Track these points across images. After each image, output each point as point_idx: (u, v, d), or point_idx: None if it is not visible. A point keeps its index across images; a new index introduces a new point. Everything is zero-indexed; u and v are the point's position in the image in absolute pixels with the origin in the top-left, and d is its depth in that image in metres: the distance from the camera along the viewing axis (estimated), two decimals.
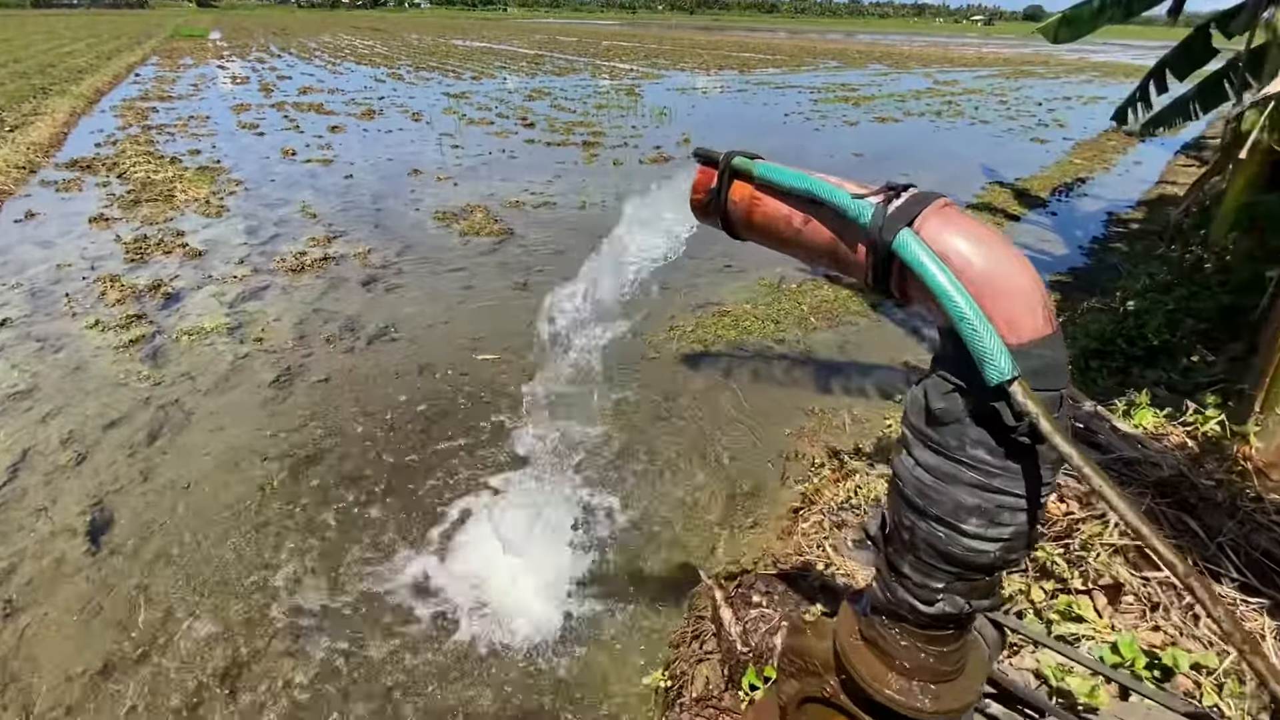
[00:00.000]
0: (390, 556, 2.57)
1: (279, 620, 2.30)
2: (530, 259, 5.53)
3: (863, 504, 2.01)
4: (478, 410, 3.48)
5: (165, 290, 4.75)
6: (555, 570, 2.46)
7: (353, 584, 2.45)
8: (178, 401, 3.51)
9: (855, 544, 0.82)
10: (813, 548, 1.94)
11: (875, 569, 0.88)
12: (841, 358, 4.13)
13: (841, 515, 2.03)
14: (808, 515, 2.20)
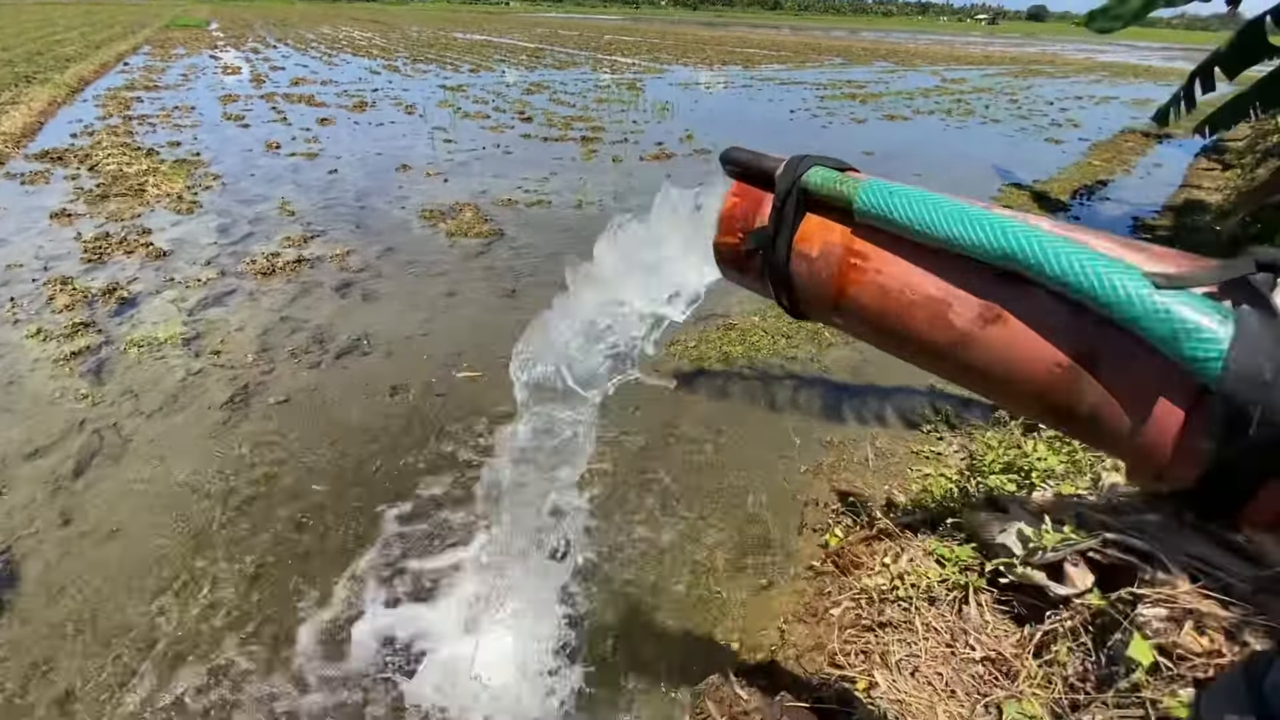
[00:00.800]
0: (340, 635, 2.18)
1: (199, 713, 1.91)
2: (521, 263, 5.13)
3: (913, 599, 1.62)
4: (454, 441, 3.08)
5: (121, 294, 4.36)
6: (531, 645, 2.07)
7: (297, 666, 2.06)
8: (115, 426, 3.11)
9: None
10: (851, 654, 1.56)
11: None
12: (859, 379, 3.74)
13: (884, 609, 1.65)
14: (838, 597, 1.81)
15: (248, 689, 1.97)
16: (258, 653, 2.08)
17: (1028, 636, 1.43)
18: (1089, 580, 1.40)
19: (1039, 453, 1.99)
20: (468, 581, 2.29)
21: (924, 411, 3.42)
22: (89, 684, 1.97)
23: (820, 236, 0.57)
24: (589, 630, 2.17)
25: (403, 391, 3.44)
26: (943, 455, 2.97)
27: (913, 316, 0.51)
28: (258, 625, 2.17)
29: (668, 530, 2.60)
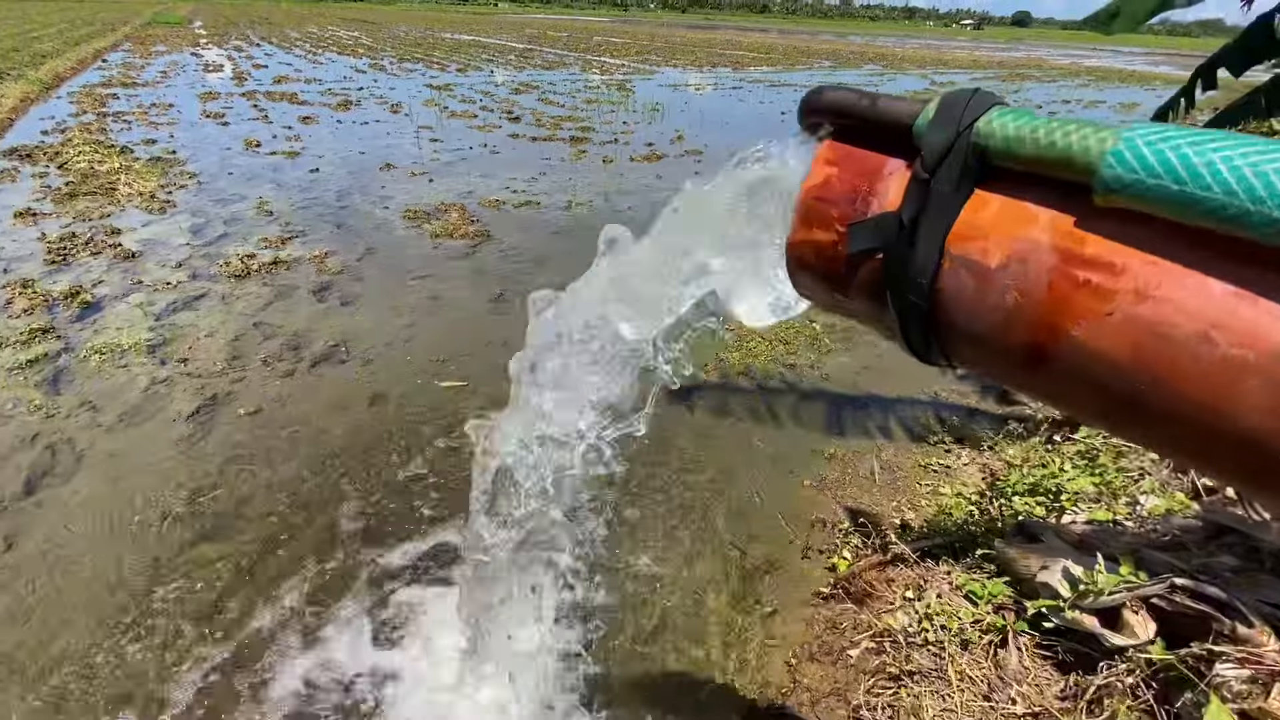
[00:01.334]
0: (307, 678, 1.99)
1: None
2: (508, 266, 4.95)
3: (944, 641, 1.46)
4: (435, 458, 2.89)
5: (84, 298, 4.12)
6: (518, 685, 1.90)
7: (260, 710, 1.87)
8: (70, 440, 2.90)
9: None
10: (877, 709, 1.39)
11: None
12: (861, 388, 3.59)
13: (911, 654, 1.49)
14: (855, 635, 1.65)
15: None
16: (213, 705, 1.89)
17: (1075, 688, 1.28)
18: (1151, 630, 1.26)
19: (1068, 473, 1.85)
20: (449, 617, 2.10)
21: (929, 422, 3.28)
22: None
23: (1008, 231, 0.37)
24: (581, 664, 1.99)
25: (381, 402, 3.25)
26: (952, 469, 2.83)
27: (1224, 382, 0.29)
28: (218, 668, 1.98)
29: (665, 552, 2.43)
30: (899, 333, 0.47)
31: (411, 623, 2.13)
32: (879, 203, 0.44)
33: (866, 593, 1.82)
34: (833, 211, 0.45)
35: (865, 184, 0.44)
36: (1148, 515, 1.62)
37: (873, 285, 0.45)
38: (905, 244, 0.41)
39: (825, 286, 0.49)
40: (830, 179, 0.46)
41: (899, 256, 0.42)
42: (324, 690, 1.92)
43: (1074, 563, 1.38)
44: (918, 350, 0.48)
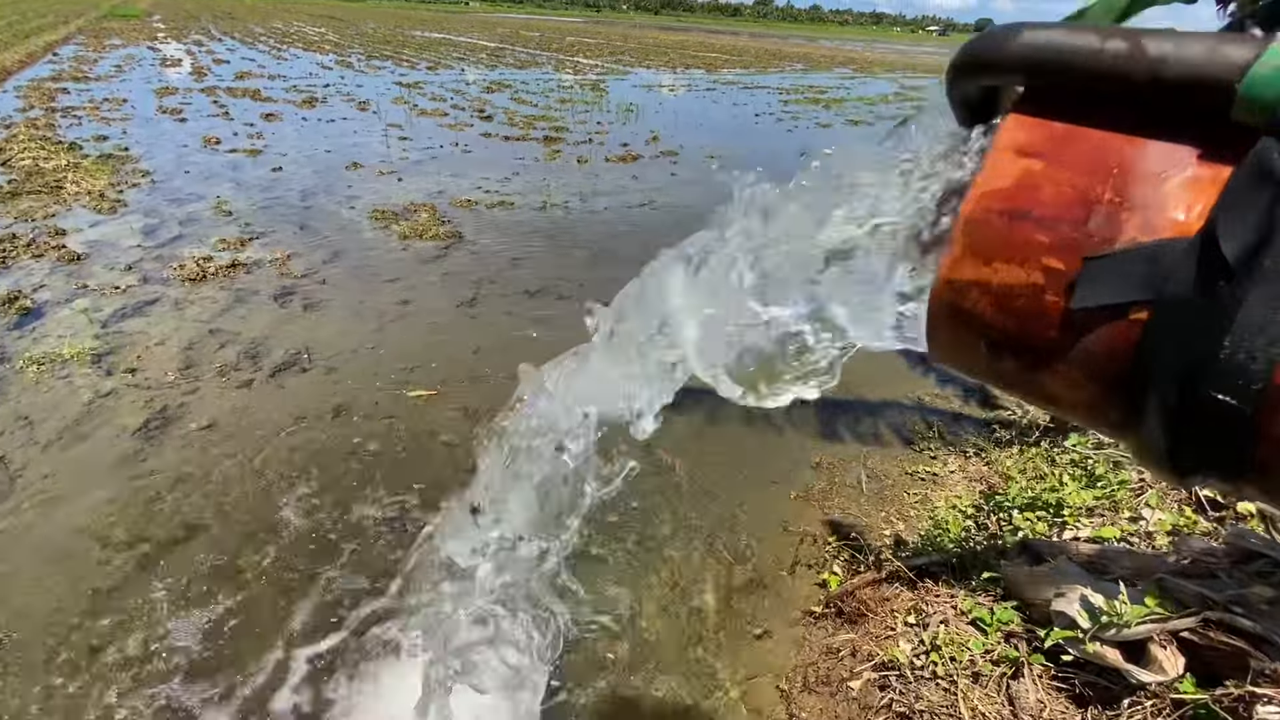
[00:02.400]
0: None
1: None
2: (481, 269, 4.79)
3: (955, 675, 1.37)
4: (402, 472, 2.74)
5: (23, 304, 3.85)
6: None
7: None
8: (3, 459, 2.67)
9: None
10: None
11: None
12: (845, 391, 3.52)
13: (920, 689, 1.40)
14: (855, 665, 1.56)
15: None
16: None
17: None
18: (1180, 665, 1.19)
19: (1068, 486, 1.79)
20: (415, 659, 1.96)
21: (916, 426, 3.23)
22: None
23: None
24: (557, 691, 1.87)
25: (346, 412, 3.07)
26: (940, 476, 2.77)
27: None
28: (150, 695, 1.80)
29: (644, 569, 2.31)
30: (1157, 441, 0.29)
31: (367, 658, 1.98)
32: (1141, 221, 0.27)
33: (861, 613, 1.74)
34: (1039, 235, 0.29)
35: (1108, 187, 0.28)
36: (1154, 531, 1.56)
37: (1113, 362, 0.28)
38: (1220, 298, 0.25)
39: (1002, 355, 0.32)
40: (1033, 179, 0.29)
41: (1198, 319, 0.25)
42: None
43: (1092, 590, 1.31)
44: (1184, 467, 0.30)
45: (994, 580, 1.57)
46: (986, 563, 1.66)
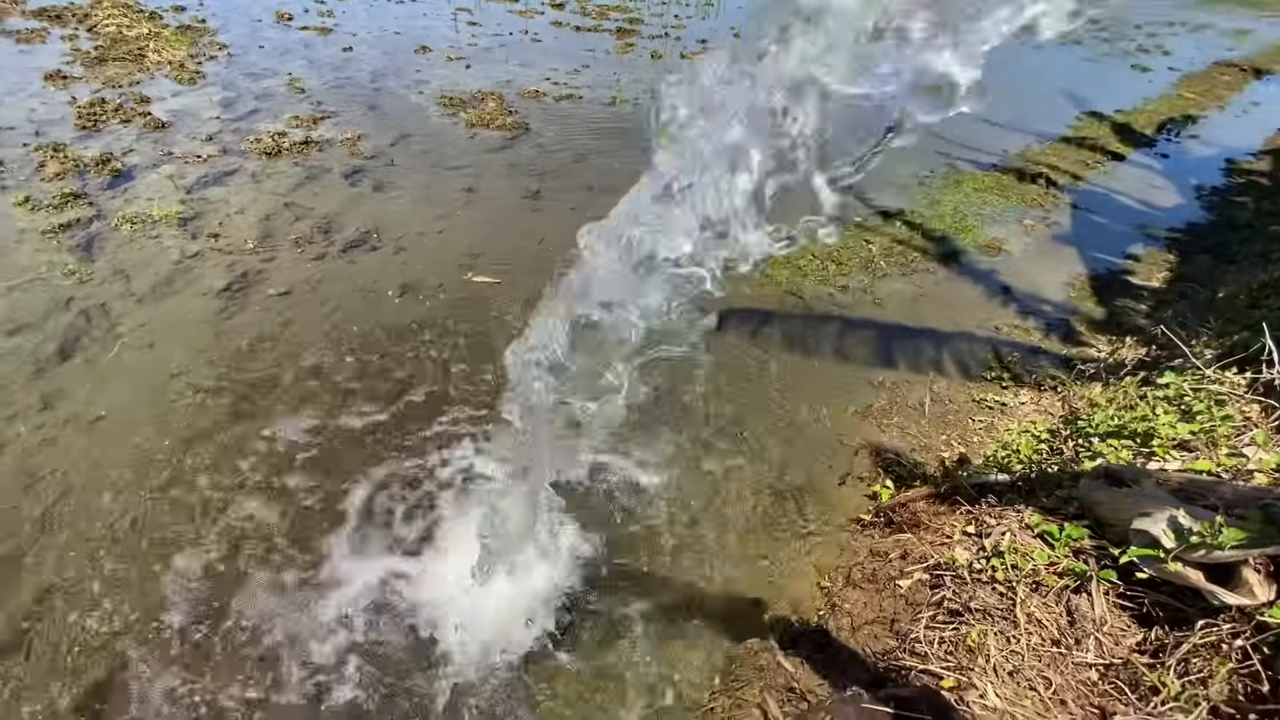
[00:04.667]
0: (331, 548, 1.99)
1: (175, 624, 1.75)
2: (546, 162, 4.67)
3: (1014, 582, 1.33)
4: (468, 350, 2.80)
5: (115, 166, 4.01)
6: (544, 582, 1.87)
7: (283, 577, 1.88)
8: (104, 306, 2.86)
9: None
10: (934, 643, 1.31)
11: None
12: (915, 318, 3.37)
13: (976, 591, 1.39)
14: (906, 565, 1.55)
15: (232, 600, 1.81)
16: (240, 563, 1.90)
17: (1158, 643, 1.17)
18: (1271, 592, 1.13)
19: (1162, 418, 1.67)
20: (474, 504, 2.06)
21: (986, 358, 3.07)
22: (61, 585, 1.81)
23: None
24: (604, 565, 1.96)
25: (413, 291, 3.14)
26: (1009, 407, 2.66)
27: None
28: (239, 538, 1.99)
29: (694, 467, 2.35)
30: None
31: (426, 510, 2.11)
32: None
33: (914, 524, 1.72)
34: None
35: None
36: (1256, 469, 1.46)
37: None
38: None
39: None
40: None
41: None
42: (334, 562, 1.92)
43: (1184, 513, 1.24)
44: None
45: (1066, 501, 1.51)
46: (1059, 484, 1.60)
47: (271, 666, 1.67)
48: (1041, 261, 4.03)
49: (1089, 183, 5.37)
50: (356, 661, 1.68)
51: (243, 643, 1.72)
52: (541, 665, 1.67)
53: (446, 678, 1.64)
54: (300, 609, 1.79)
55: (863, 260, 3.78)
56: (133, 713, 1.56)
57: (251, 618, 1.77)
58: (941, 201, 4.63)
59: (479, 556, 1.80)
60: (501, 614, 1.73)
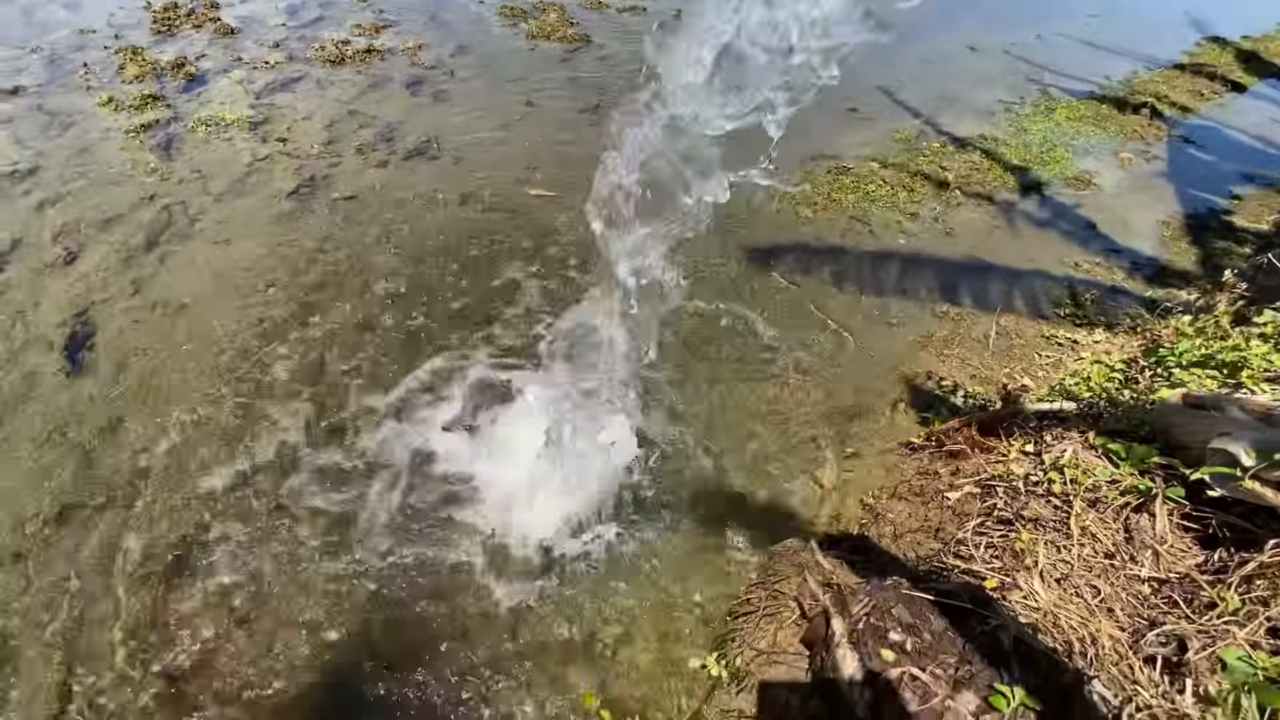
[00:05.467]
0: (387, 421, 2.11)
1: (256, 491, 1.91)
2: (608, 75, 4.52)
3: (1071, 495, 1.30)
4: (523, 258, 2.83)
5: (189, 70, 4.10)
6: (593, 478, 1.94)
7: (346, 443, 2.01)
8: (184, 204, 3.00)
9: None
10: (979, 547, 1.30)
11: None
12: (988, 251, 3.19)
13: (1029, 502, 1.36)
14: (957, 481, 1.53)
15: (301, 460, 1.95)
16: (303, 431, 2.04)
17: (1221, 563, 1.14)
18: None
19: (1258, 349, 1.55)
20: (534, 400, 2.13)
21: (1060, 295, 2.90)
22: (149, 446, 1.99)
23: None
24: (648, 465, 2.01)
25: (471, 201, 3.16)
26: (1080, 344, 2.52)
27: None
28: (309, 407, 2.12)
29: (743, 390, 2.34)
30: None
31: (492, 394, 2.19)
32: None
33: (970, 445, 1.68)
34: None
35: None
36: None
37: None
38: None
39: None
40: None
41: None
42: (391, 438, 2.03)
43: (1267, 427, 1.17)
44: None
45: (1138, 425, 1.44)
46: (1131, 410, 1.52)
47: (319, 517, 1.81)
48: (1135, 197, 3.72)
49: (1200, 115, 4.85)
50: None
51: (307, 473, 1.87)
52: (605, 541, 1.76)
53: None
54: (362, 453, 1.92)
55: (936, 188, 3.57)
56: (213, 544, 1.73)
57: (313, 461, 1.91)
58: (1029, 130, 4.29)
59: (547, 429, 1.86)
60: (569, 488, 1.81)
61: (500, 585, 1.69)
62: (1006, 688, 1.03)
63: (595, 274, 1.94)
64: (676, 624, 1.61)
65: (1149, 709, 0.97)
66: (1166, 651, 1.06)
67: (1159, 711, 0.96)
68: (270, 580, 1.70)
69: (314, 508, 1.87)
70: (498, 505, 1.88)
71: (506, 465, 1.95)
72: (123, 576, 1.69)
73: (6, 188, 3.03)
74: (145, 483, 1.90)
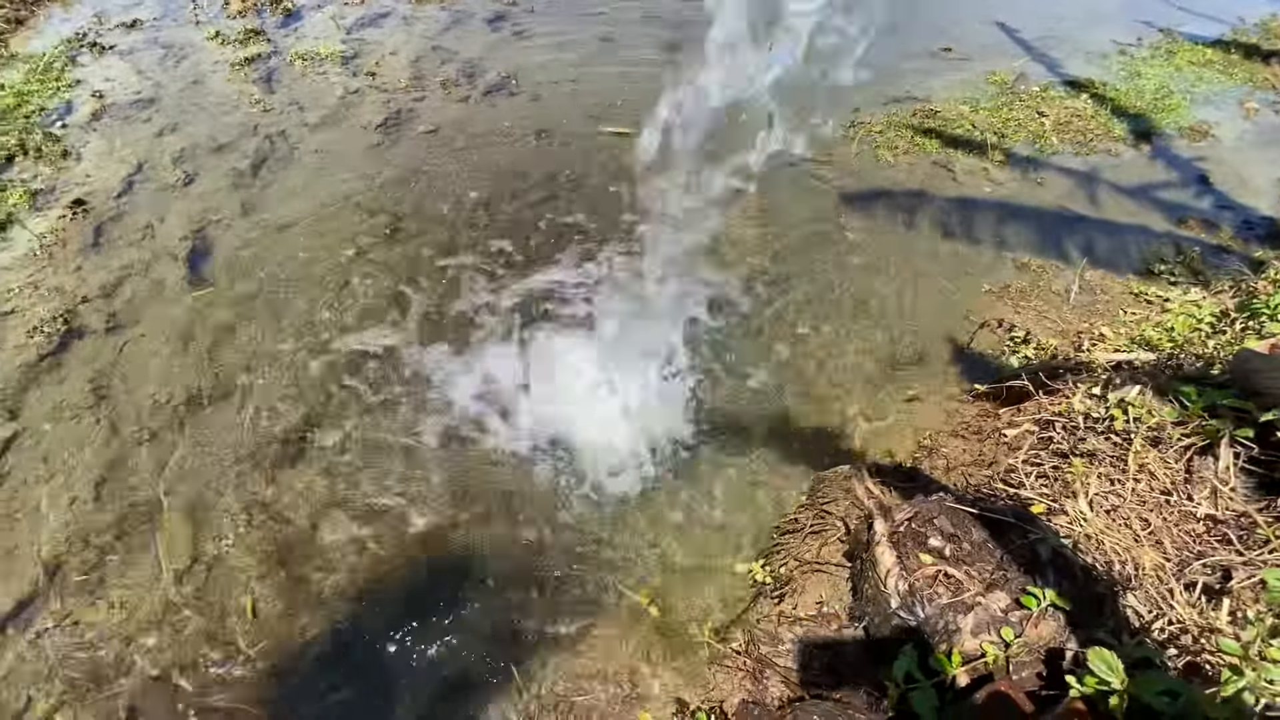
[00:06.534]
0: (469, 343, 2.26)
1: (347, 388, 2.11)
2: (686, 10, 4.41)
3: (1131, 431, 1.28)
4: (596, 196, 2.89)
5: (286, 6, 4.28)
6: (660, 399, 2.05)
7: (427, 362, 2.19)
8: (284, 133, 3.21)
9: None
10: (1031, 476, 1.32)
11: None
12: (1082, 203, 3.01)
13: (1087, 438, 1.36)
14: (1016, 420, 1.53)
15: (390, 369, 2.14)
16: (392, 331, 2.22)
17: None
18: None
19: None
20: (604, 315, 2.23)
21: (1160, 251, 2.73)
22: (262, 346, 2.22)
23: None
24: (712, 391, 2.09)
25: (547, 137, 3.23)
26: (1171, 303, 2.39)
27: None
28: (391, 327, 2.30)
29: (808, 325, 2.36)
30: None
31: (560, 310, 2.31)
32: None
33: (1040, 387, 1.66)
34: None
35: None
36: None
37: None
38: None
39: None
40: None
41: None
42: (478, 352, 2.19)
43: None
44: None
45: (1211, 375, 1.38)
46: (1213, 359, 1.46)
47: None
48: (1256, 152, 3.39)
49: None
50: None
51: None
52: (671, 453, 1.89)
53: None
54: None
55: (1031, 134, 3.37)
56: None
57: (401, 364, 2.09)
58: (1144, 74, 3.93)
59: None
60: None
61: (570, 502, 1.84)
62: (1039, 589, 1.07)
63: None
64: (725, 539, 1.71)
65: (1180, 624, 0.99)
66: (1210, 579, 1.06)
67: (1190, 625, 0.98)
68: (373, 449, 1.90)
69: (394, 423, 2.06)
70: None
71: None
72: (237, 460, 1.93)
73: (132, 115, 3.32)
74: (262, 369, 2.14)
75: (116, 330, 2.28)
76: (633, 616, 1.57)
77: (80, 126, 3.23)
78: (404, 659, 1.54)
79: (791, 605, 1.33)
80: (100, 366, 2.15)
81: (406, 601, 1.64)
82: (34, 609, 1.62)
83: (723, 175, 2.49)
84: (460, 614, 1.60)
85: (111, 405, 2.04)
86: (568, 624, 1.57)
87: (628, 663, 1.46)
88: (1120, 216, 2.93)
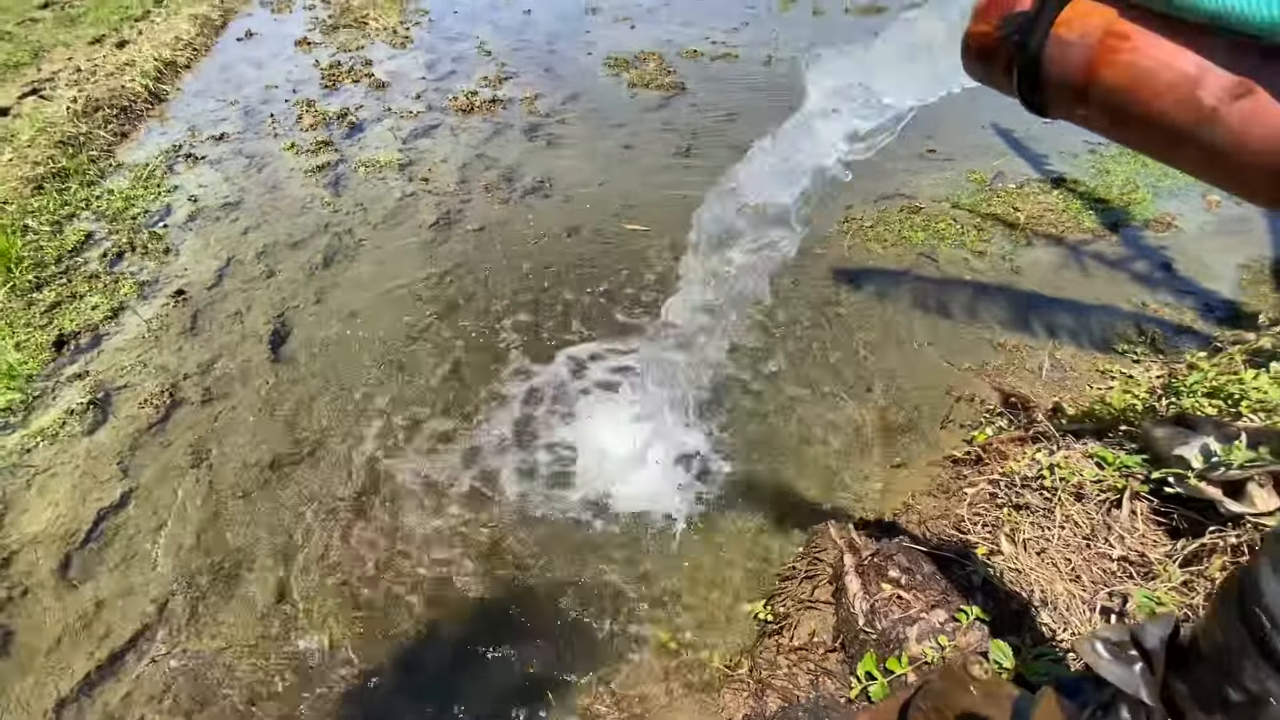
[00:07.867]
0: (512, 405, 2.61)
1: (413, 444, 2.45)
2: (699, 120, 5.01)
3: (1058, 488, 1.58)
4: (619, 280, 3.31)
5: (351, 119, 4.95)
6: (675, 459, 2.36)
7: (478, 413, 2.53)
8: (350, 231, 3.72)
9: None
10: (977, 527, 1.59)
11: (1133, 691, 0.57)
12: (1053, 288, 3.36)
13: (1024, 494, 1.64)
14: (975, 480, 1.82)
15: (445, 431, 2.48)
16: (450, 411, 2.58)
17: (1179, 552, 1.37)
18: (1273, 503, 1.29)
19: (1259, 384, 1.74)
20: (623, 404, 2.57)
21: (1125, 331, 3.04)
22: (335, 415, 2.59)
23: (1082, 20, 0.55)
24: (719, 468, 2.40)
25: (576, 233, 3.69)
26: (1135, 379, 2.68)
27: (1161, 97, 0.49)
28: (451, 400, 2.66)
29: (808, 401, 2.68)
30: (1015, 90, 0.64)
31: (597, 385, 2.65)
32: (1020, 7, 0.59)
33: (998, 454, 1.95)
34: (993, 13, 0.62)
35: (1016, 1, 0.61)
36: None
37: (1007, 58, 0.61)
38: (1029, 31, 0.57)
39: (980, 61, 0.65)
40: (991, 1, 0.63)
41: (1024, 39, 0.58)
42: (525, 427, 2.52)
43: (1216, 441, 1.40)
44: (1026, 102, 0.65)
45: (1131, 436, 1.67)
46: (1133, 428, 1.75)
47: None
48: (1218, 240, 3.74)
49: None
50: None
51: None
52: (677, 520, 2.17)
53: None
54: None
55: (1007, 227, 3.77)
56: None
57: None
58: (1112, 171, 4.36)
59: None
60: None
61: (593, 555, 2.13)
62: (969, 607, 1.33)
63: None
64: (735, 586, 1.98)
65: (1077, 633, 1.23)
66: (1112, 604, 1.31)
67: (1085, 634, 1.23)
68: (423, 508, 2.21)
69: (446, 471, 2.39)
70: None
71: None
72: (316, 514, 2.26)
73: (222, 216, 3.87)
74: (332, 439, 2.49)
75: (210, 402, 2.67)
76: (657, 651, 1.83)
77: (178, 226, 3.78)
78: (466, 685, 1.80)
79: (789, 637, 1.58)
80: (200, 434, 2.53)
81: (462, 639, 1.91)
82: (147, 638, 1.92)
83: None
84: (519, 645, 1.87)
85: (209, 466, 2.40)
86: (603, 660, 1.83)
87: (651, 689, 1.71)
88: (1090, 300, 3.26)
